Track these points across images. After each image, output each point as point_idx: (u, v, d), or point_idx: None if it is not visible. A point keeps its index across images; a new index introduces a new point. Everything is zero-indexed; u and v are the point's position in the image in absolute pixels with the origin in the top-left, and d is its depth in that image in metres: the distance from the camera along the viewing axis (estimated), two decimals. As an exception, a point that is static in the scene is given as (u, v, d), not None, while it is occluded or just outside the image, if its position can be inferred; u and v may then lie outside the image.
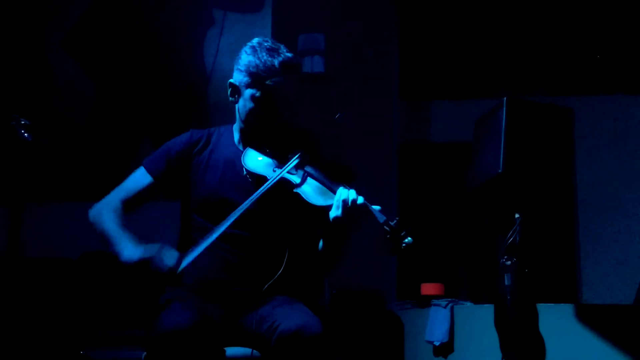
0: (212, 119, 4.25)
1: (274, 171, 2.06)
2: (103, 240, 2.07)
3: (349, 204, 1.95)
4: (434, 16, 4.91)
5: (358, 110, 4.50)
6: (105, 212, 2.12)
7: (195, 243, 2.09)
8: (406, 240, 1.93)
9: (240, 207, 2.00)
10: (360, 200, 1.95)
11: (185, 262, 1.93)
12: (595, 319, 3.10)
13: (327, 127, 4.02)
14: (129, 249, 1.98)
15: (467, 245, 4.11)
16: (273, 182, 2.02)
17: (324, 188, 2.02)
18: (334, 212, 1.96)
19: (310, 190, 2.02)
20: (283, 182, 2.03)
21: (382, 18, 4.67)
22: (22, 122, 2.15)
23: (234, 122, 2.23)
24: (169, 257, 1.94)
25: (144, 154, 2.28)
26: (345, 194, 1.96)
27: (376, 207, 1.97)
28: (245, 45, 2.15)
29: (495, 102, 3.38)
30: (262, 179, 2.05)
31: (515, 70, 4.78)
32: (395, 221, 1.93)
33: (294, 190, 2.02)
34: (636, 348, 2.98)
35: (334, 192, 1.98)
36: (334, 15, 4.55)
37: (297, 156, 2.06)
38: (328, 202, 1.98)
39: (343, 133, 4.35)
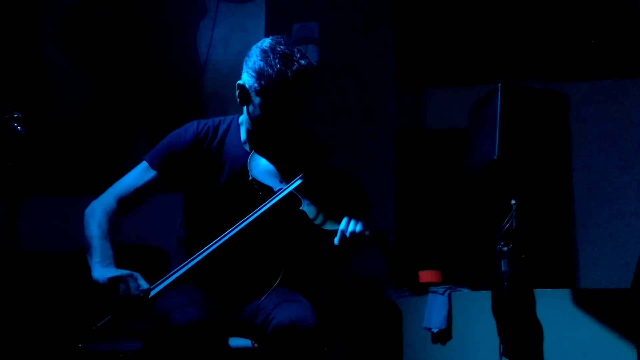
0: (208, 109, 4.25)
1: (281, 182, 2.01)
2: (84, 246, 2.00)
3: (356, 236, 1.90)
4: (429, 3, 4.89)
5: (353, 98, 4.49)
6: (97, 214, 2.04)
7: (185, 257, 2.02)
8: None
9: (229, 231, 1.93)
10: (367, 234, 1.91)
11: (158, 288, 1.86)
12: (593, 303, 3.10)
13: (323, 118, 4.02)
14: (98, 270, 1.91)
15: (465, 231, 4.12)
16: (267, 207, 1.95)
17: (328, 217, 1.95)
18: (337, 241, 1.92)
19: (314, 213, 1.96)
20: (288, 199, 1.98)
21: (376, 6, 4.66)
22: (15, 116, 2.13)
23: (240, 113, 2.17)
24: (140, 283, 1.86)
25: (140, 145, 2.27)
26: (352, 226, 1.92)
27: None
28: (257, 45, 2.04)
29: (490, 89, 3.38)
30: (268, 189, 2.01)
31: (510, 57, 4.77)
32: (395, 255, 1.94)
33: (300, 209, 1.97)
34: (633, 332, 2.98)
35: (339, 222, 1.93)
36: (328, 3, 4.54)
37: (300, 176, 1.99)
38: (331, 228, 1.94)
39: (338, 122, 4.35)
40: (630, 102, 4.62)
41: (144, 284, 1.86)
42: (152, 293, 1.85)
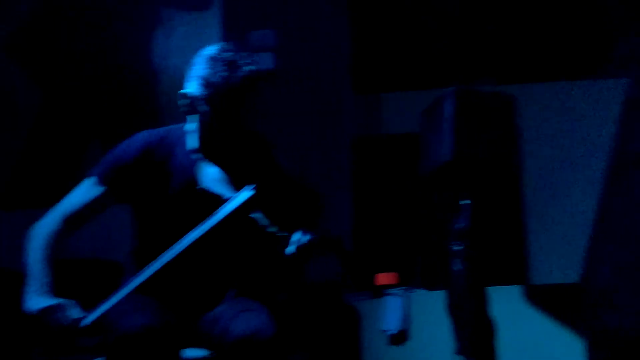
0: (163, 120, 4.23)
1: (231, 190, 1.99)
2: (23, 269, 1.95)
3: (307, 245, 1.91)
4: (385, 10, 4.95)
5: (310, 104, 4.52)
6: (39, 236, 1.98)
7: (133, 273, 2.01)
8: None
9: (176, 246, 1.90)
10: (318, 241, 1.92)
11: (92, 317, 1.82)
12: (544, 298, 3.17)
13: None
14: (33, 299, 1.86)
15: (421, 233, 4.17)
16: (216, 218, 1.92)
17: (280, 223, 1.95)
18: (288, 251, 1.93)
19: (265, 220, 1.95)
20: (239, 207, 1.95)
21: (332, 13, 4.70)
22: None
23: (185, 122, 2.15)
24: (73, 312, 1.83)
25: (94, 157, 2.23)
26: (302, 236, 1.92)
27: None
28: (200, 53, 2.02)
29: (443, 92, 3.43)
30: (218, 198, 1.98)
31: (462, 61, 4.86)
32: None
33: (251, 216, 1.95)
34: (583, 325, 3.06)
35: (291, 228, 1.94)
36: (284, 11, 4.55)
37: (250, 185, 1.95)
38: (284, 234, 1.94)
39: (296, 129, 4.37)
40: (577, 103, 4.74)
41: (75, 314, 1.83)
42: (87, 321, 1.81)
